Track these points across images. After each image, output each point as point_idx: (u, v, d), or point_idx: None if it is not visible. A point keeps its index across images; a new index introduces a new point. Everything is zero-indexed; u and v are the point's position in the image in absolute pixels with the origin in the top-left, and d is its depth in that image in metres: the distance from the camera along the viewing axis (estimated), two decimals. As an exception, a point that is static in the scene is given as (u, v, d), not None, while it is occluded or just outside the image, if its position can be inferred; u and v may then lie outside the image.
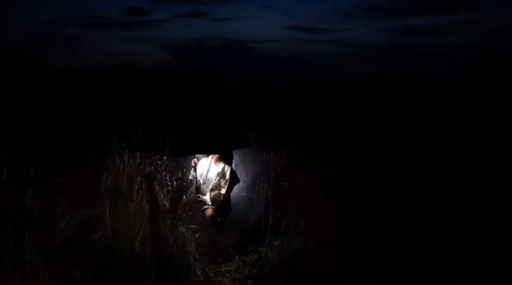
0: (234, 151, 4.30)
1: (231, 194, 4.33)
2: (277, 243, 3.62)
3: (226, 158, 4.30)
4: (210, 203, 4.17)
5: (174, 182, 3.37)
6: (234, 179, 4.26)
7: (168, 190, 3.15)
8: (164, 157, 3.32)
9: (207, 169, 4.27)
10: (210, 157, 4.32)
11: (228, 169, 4.23)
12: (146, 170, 3.05)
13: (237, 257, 3.58)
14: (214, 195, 4.18)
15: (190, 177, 4.31)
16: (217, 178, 4.17)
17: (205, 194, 4.21)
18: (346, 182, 4.23)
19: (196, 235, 3.33)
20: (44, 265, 1.57)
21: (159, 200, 2.91)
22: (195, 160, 4.24)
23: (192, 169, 4.27)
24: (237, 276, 3.30)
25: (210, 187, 4.18)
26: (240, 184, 4.55)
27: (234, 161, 4.33)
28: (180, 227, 3.07)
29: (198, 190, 4.25)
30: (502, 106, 9.82)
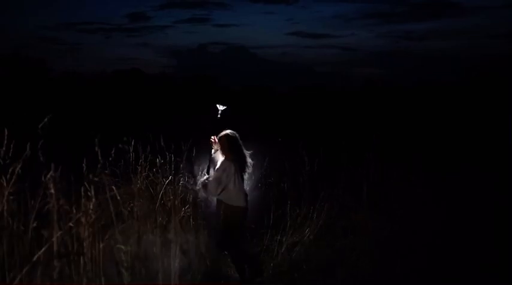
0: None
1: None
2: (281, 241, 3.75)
3: (226, 153, 3.58)
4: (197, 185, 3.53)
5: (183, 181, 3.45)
6: (221, 171, 3.49)
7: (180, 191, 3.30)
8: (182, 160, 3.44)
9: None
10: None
11: (221, 161, 3.57)
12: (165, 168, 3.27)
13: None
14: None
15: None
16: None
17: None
18: (346, 182, 4.33)
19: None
20: (93, 239, 2.11)
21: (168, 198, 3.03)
22: (214, 137, 3.63)
23: (213, 150, 3.63)
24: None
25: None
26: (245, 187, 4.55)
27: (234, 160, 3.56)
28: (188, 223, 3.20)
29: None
30: (504, 109, 9.89)
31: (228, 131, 3.66)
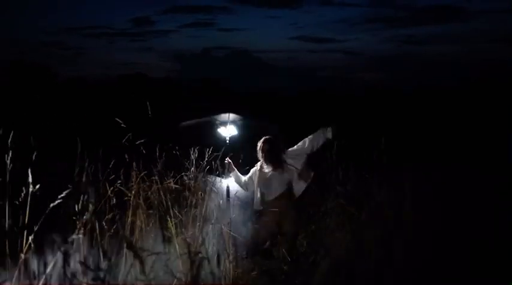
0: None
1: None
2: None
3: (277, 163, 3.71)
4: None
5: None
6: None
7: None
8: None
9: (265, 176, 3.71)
10: (259, 163, 3.77)
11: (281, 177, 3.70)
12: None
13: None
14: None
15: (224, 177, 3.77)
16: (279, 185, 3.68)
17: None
18: (348, 184, 4.47)
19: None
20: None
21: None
22: (229, 159, 3.76)
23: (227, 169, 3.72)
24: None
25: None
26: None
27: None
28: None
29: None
30: (504, 114, 9.96)
31: (267, 138, 3.71)
